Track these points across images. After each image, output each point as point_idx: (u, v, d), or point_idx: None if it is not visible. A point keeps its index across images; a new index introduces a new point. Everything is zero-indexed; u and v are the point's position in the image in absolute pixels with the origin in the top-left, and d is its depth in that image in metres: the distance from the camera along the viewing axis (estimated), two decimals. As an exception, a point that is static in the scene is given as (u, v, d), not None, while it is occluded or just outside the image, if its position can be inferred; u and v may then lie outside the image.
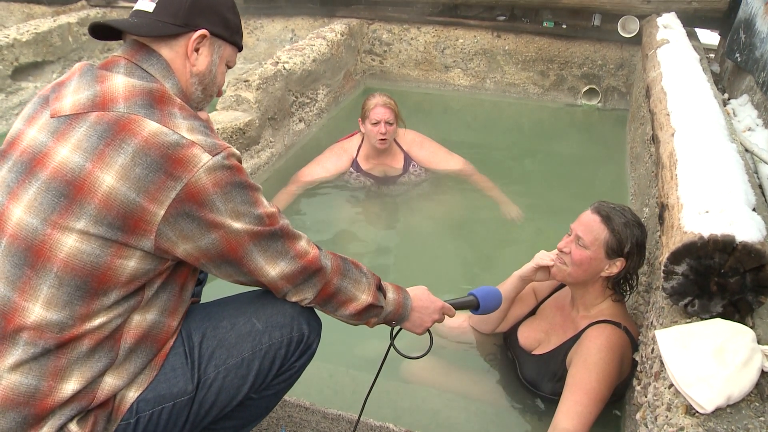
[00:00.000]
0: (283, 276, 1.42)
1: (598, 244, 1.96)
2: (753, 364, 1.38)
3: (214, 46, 1.47)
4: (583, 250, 1.97)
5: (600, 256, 1.96)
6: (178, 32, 1.40)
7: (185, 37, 1.42)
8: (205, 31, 1.43)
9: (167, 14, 1.39)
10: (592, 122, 5.04)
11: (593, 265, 1.98)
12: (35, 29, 5.04)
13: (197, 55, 1.44)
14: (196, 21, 1.42)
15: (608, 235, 1.95)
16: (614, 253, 1.96)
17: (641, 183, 3.23)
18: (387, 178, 3.59)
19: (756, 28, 3.53)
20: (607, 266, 1.97)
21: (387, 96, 3.38)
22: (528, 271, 2.16)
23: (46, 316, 1.23)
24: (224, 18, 1.47)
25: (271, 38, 5.75)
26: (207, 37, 1.44)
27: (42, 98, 1.37)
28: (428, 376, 2.30)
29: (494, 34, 5.24)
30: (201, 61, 1.45)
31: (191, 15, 1.41)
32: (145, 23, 1.39)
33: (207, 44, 1.45)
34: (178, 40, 1.41)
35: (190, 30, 1.42)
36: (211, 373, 1.43)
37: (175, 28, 1.40)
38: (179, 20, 1.40)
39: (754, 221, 1.50)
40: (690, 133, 2.12)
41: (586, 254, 1.97)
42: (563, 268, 2.03)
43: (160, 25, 1.39)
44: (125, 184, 1.22)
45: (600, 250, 1.96)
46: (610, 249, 1.95)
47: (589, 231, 1.97)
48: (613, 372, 1.87)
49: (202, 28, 1.43)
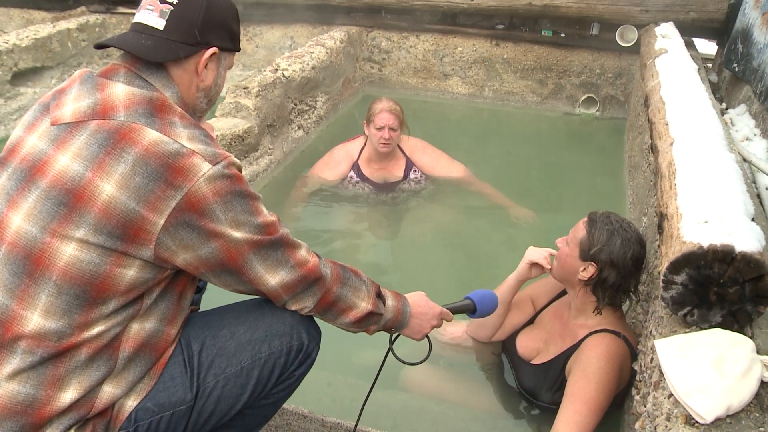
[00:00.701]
0: (283, 285, 1.41)
1: (575, 242, 2.01)
2: (752, 374, 1.38)
3: (221, 60, 1.47)
4: (565, 246, 2.05)
5: (575, 254, 2.00)
6: (191, 53, 1.39)
7: (196, 56, 1.40)
8: (216, 49, 1.42)
9: (179, 33, 1.37)
10: (590, 131, 5.05)
11: (569, 262, 2.02)
12: (35, 35, 5.04)
13: (206, 71, 1.43)
14: (207, 39, 1.40)
15: (584, 235, 1.99)
16: (585, 255, 1.98)
17: (639, 192, 3.23)
18: (386, 185, 3.60)
19: (753, 38, 3.54)
20: (582, 268, 1.99)
21: (393, 101, 3.39)
22: (522, 270, 2.18)
23: (45, 324, 1.22)
24: (231, 30, 1.47)
25: (270, 45, 5.76)
26: (216, 53, 1.43)
27: (42, 106, 1.37)
28: (427, 385, 2.30)
29: (493, 43, 5.26)
30: (209, 76, 1.45)
31: (203, 33, 1.39)
32: (158, 46, 1.35)
33: (215, 59, 1.44)
34: (189, 59, 1.40)
35: (201, 48, 1.40)
36: (210, 382, 1.42)
37: (188, 49, 1.38)
38: (191, 40, 1.38)
39: (753, 231, 1.50)
40: (689, 142, 2.12)
41: (565, 250, 2.04)
42: (553, 263, 2.12)
43: (173, 47, 1.36)
44: (125, 193, 1.21)
45: (576, 248, 2.00)
46: (582, 249, 1.99)
47: (574, 230, 2.04)
48: (612, 381, 1.87)
49: (213, 45, 1.42)
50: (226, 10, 1.45)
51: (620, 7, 4.58)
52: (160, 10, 1.36)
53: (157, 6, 1.36)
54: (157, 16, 1.36)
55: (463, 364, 2.39)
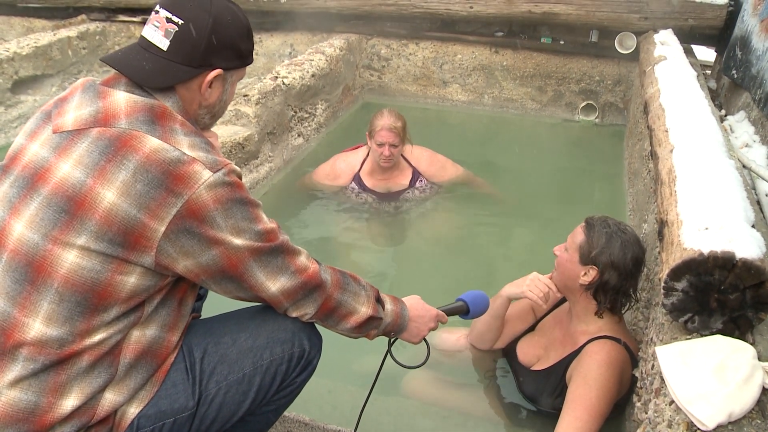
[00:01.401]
0: (284, 291, 1.41)
1: (575, 247, 2.00)
2: (754, 381, 1.38)
3: (226, 79, 1.45)
4: (564, 252, 2.04)
5: (575, 260, 2.00)
6: (194, 75, 1.37)
7: (200, 77, 1.39)
8: (220, 71, 1.40)
9: (182, 56, 1.35)
10: (590, 138, 5.06)
11: (569, 267, 2.02)
12: (35, 43, 5.05)
13: (210, 90, 1.42)
14: (211, 61, 1.38)
15: (583, 240, 1.99)
16: (585, 259, 1.98)
17: (639, 199, 3.23)
18: (390, 194, 3.60)
19: (752, 45, 3.55)
20: (583, 273, 1.99)
21: (395, 116, 3.35)
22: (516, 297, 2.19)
23: (46, 332, 1.22)
24: (239, 50, 1.43)
25: (270, 53, 5.78)
26: (221, 74, 1.41)
27: (44, 113, 1.37)
28: (427, 392, 2.29)
29: (492, 50, 5.27)
30: (213, 95, 1.43)
31: (207, 56, 1.37)
32: (158, 69, 1.34)
33: (220, 79, 1.43)
34: (193, 80, 1.39)
35: (205, 70, 1.39)
36: (213, 389, 1.42)
37: (191, 71, 1.37)
38: (195, 62, 1.36)
39: (754, 238, 1.50)
40: (689, 149, 2.13)
41: (565, 256, 2.03)
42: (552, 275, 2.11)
43: (173, 69, 1.35)
44: (126, 200, 1.22)
45: (575, 253, 2.00)
46: (582, 254, 1.98)
47: (573, 235, 2.04)
48: (613, 388, 1.87)
49: (218, 67, 1.40)
50: (234, 31, 1.41)
51: (619, 14, 4.59)
52: (165, 30, 1.34)
53: (163, 25, 1.35)
54: (161, 35, 1.35)
55: (464, 370, 2.39)
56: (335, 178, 3.63)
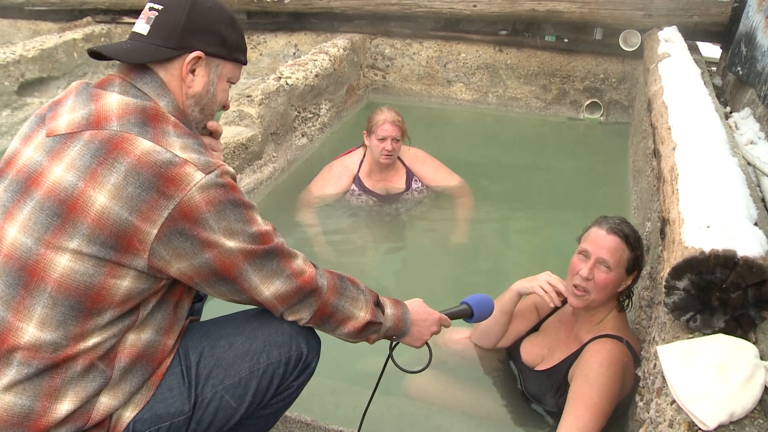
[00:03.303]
0: (278, 296, 1.40)
1: (622, 264, 1.95)
2: (756, 380, 1.37)
3: (210, 66, 1.45)
4: (608, 272, 1.95)
5: (621, 275, 1.97)
6: (172, 56, 1.39)
7: (180, 59, 1.40)
8: (200, 53, 1.41)
9: (160, 37, 1.38)
10: (595, 136, 5.04)
11: (616, 285, 1.98)
12: (41, 45, 5.08)
13: (193, 77, 1.42)
14: (190, 43, 1.40)
15: (629, 253, 1.96)
16: (632, 269, 1.98)
17: (643, 197, 3.21)
18: (389, 196, 3.58)
19: (757, 41, 3.52)
20: (624, 282, 1.99)
21: (395, 112, 3.36)
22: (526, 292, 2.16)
23: (40, 336, 1.22)
24: (221, 36, 1.44)
25: (274, 53, 5.78)
26: (202, 58, 1.42)
27: (38, 117, 1.37)
28: (430, 392, 2.29)
29: (496, 49, 5.26)
30: (197, 83, 1.43)
31: (185, 37, 1.39)
32: (137, 48, 1.38)
33: (203, 65, 1.43)
34: (173, 62, 1.40)
35: (184, 52, 1.39)
36: (209, 393, 1.42)
37: (169, 52, 1.38)
38: (172, 43, 1.38)
39: (756, 236, 1.49)
40: (691, 147, 2.11)
41: (611, 276, 1.95)
42: (586, 297, 1.98)
43: (152, 50, 1.37)
44: (118, 203, 1.21)
45: (622, 269, 1.96)
46: (630, 266, 1.97)
47: (613, 253, 1.94)
48: (615, 387, 1.86)
49: (197, 49, 1.40)
50: (215, 15, 1.43)
51: (623, 11, 4.57)
52: (147, 17, 1.39)
53: (146, 14, 1.40)
54: (144, 22, 1.40)
55: (467, 370, 2.38)
56: (337, 180, 3.59)
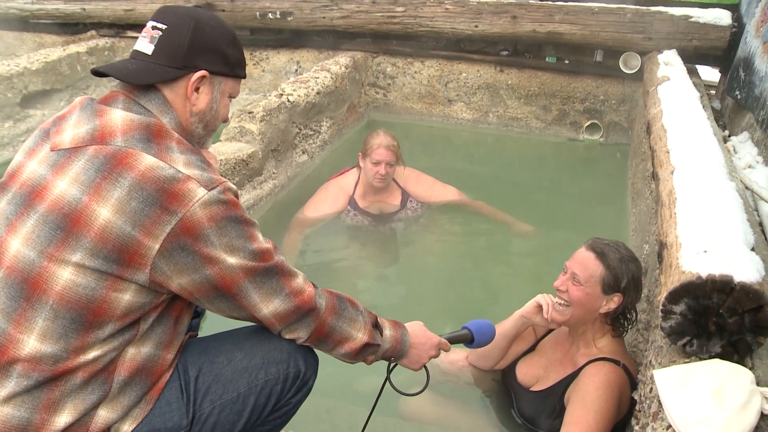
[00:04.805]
0: (276, 314, 1.41)
1: (594, 280, 1.95)
2: (752, 406, 1.37)
3: (214, 84, 1.47)
4: (579, 287, 1.97)
5: (597, 293, 1.96)
6: (177, 75, 1.40)
7: (185, 78, 1.41)
8: (205, 72, 1.42)
9: (165, 57, 1.39)
10: (594, 157, 5.06)
11: (591, 301, 1.97)
12: (45, 58, 5.12)
13: (197, 95, 1.44)
14: (195, 62, 1.41)
15: (604, 271, 1.95)
16: (611, 289, 1.95)
17: (642, 219, 3.22)
18: (384, 216, 3.59)
19: (755, 66, 3.56)
20: (605, 302, 1.97)
21: (390, 136, 3.37)
22: (529, 308, 2.14)
23: (41, 348, 1.23)
24: (224, 54, 1.46)
25: (276, 70, 5.82)
26: (207, 77, 1.43)
27: (43, 132, 1.39)
28: (426, 413, 2.28)
29: (497, 69, 5.29)
30: (201, 100, 1.45)
31: (190, 57, 1.40)
32: (142, 69, 1.38)
33: (207, 83, 1.45)
34: (178, 81, 1.41)
35: (189, 72, 1.41)
36: (207, 408, 1.42)
37: (174, 72, 1.40)
38: (178, 63, 1.39)
39: (753, 261, 1.49)
40: (690, 171, 2.12)
41: (583, 291, 1.97)
42: (564, 311, 2.01)
43: (158, 70, 1.38)
44: (121, 217, 1.22)
45: (597, 286, 1.96)
46: (606, 285, 1.95)
47: (585, 268, 1.97)
48: (611, 410, 1.86)
49: (201, 69, 1.42)
50: (218, 34, 1.45)
51: (623, 34, 4.61)
52: (151, 36, 1.40)
53: (149, 33, 1.41)
54: (147, 42, 1.40)
55: (463, 391, 2.37)
56: (333, 201, 3.59)
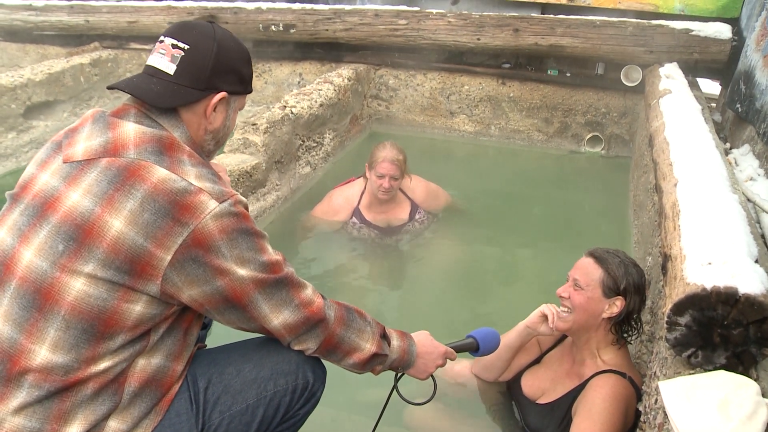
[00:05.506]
0: (286, 325, 1.42)
1: (595, 284, 1.98)
2: (758, 417, 1.37)
3: (230, 103, 1.49)
4: (580, 291, 2.00)
5: (598, 296, 1.98)
6: (200, 97, 1.41)
7: (206, 99, 1.43)
8: (225, 94, 1.44)
9: (188, 79, 1.39)
10: (596, 169, 5.07)
11: (592, 305, 1.99)
12: (48, 69, 5.15)
13: (215, 114, 1.46)
14: (216, 84, 1.43)
15: (603, 274, 1.98)
16: (611, 292, 1.97)
17: (644, 231, 3.23)
18: (390, 229, 3.59)
19: (755, 79, 3.58)
20: (607, 306, 1.98)
21: (397, 149, 3.37)
22: (534, 318, 2.15)
23: (52, 358, 1.24)
24: (241, 74, 1.48)
25: (279, 82, 5.84)
26: (225, 98, 1.45)
27: (55, 144, 1.40)
28: (431, 424, 2.28)
29: (499, 82, 5.32)
30: (217, 119, 1.47)
31: (212, 80, 1.42)
32: (166, 91, 1.38)
33: (224, 103, 1.47)
34: (199, 102, 1.42)
35: (210, 93, 1.42)
36: (216, 419, 1.43)
37: (198, 94, 1.41)
38: (201, 85, 1.40)
39: (757, 273, 1.50)
40: (693, 183, 2.14)
41: (585, 295, 1.99)
42: (567, 317, 2.03)
43: (181, 92, 1.39)
44: (133, 229, 1.24)
45: (597, 289, 1.98)
46: (606, 288, 1.97)
47: (585, 273, 2.01)
48: (618, 422, 1.86)
49: (222, 90, 1.44)
50: (237, 55, 1.47)
51: (625, 47, 4.63)
52: (172, 55, 1.39)
53: (169, 51, 1.40)
54: (168, 60, 1.39)
55: (468, 402, 2.37)
56: (334, 213, 3.60)
